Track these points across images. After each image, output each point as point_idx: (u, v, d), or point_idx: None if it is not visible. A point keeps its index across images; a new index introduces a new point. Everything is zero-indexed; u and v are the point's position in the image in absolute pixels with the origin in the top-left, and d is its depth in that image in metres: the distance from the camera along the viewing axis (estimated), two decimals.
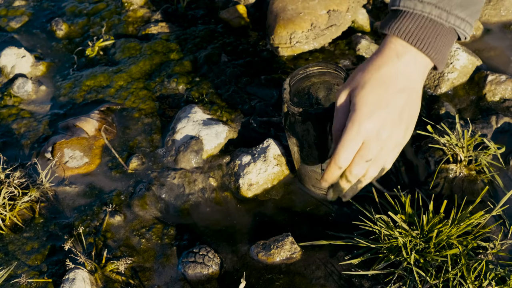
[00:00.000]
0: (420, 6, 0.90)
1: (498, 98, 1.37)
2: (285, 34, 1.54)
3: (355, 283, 1.07)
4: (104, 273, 1.11)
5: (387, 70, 0.92)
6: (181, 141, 1.32)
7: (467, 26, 0.91)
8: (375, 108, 0.91)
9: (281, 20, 1.55)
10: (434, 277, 1.00)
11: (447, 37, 0.91)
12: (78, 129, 1.38)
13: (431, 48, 0.90)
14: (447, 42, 0.92)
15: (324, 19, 1.55)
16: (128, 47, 1.65)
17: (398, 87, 0.91)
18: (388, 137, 0.92)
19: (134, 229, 1.19)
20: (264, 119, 1.39)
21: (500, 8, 1.60)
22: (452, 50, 1.41)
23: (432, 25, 0.90)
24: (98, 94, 1.51)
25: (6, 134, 1.43)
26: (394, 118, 0.92)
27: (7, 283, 1.10)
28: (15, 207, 1.22)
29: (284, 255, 1.11)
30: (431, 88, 1.43)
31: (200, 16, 1.75)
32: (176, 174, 1.28)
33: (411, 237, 1.05)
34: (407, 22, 0.90)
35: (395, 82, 0.91)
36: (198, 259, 1.10)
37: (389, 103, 0.91)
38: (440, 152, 1.26)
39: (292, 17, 1.54)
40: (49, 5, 1.88)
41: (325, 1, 1.57)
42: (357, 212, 1.16)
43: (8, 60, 1.61)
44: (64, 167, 1.32)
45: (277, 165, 1.25)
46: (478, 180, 1.21)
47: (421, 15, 0.90)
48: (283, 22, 1.54)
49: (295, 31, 1.53)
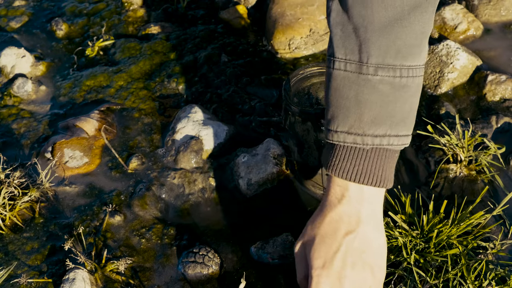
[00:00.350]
0: (335, 136, 0.86)
1: (498, 98, 1.37)
2: (284, 40, 1.54)
3: None
4: (104, 273, 1.11)
5: (331, 217, 0.88)
6: (181, 141, 1.32)
7: (392, 140, 0.85)
8: (327, 261, 0.87)
9: (279, 26, 1.55)
10: (434, 277, 1.00)
11: (380, 157, 0.86)
12: (78, 129, 1.38)
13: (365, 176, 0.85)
14: (384, 162, 0.86)
15: (323, 25, 1.55)
16: (128, 47, 1.65)
17: (345, 230, 0.87)
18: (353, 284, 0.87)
19: (134, 229, 1.19)
20: (264, 119, 1.39)
21: (500, 8, 1.60)
22: (452, 50, 1.41)
23: (356, 153, 0.85)
24: (98, 94, 1.51)
25: (6, 134, 1.43)
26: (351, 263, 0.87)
27: (7, 283, 1.10)
28: (15, 207, 1.22)
29: (284, 255, 1.11)
30: (431, 88, 1.43)
31: (200, 16, 1.75)
32: (176, 174, 1.28)
33: (411, 237, 1.05)
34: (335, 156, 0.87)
35: (341, 226, 0.87)
36: (198, 259, 1.10)
37: (339, 251, 0.87)
38: (440, 152, 1.26)
39: (290, 22, 1.55)
40: (49, 5, 1.88)
41: (324, 6, 1.57)
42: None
43: (8, 60, 1.61)
44: (64, 167, 1.32)
45: (277, 165, 1.25)
46: (478, 180, 1.21)
47: (342, 146, 0.86)
48: (282, 27, 1.55)
49: (293, 37, 1.54)
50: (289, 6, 1.58)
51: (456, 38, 1.54)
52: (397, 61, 0.81)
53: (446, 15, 1.57)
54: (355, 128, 0.84)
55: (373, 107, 0.83)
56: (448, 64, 1.41)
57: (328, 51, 0.87)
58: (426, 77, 1.44)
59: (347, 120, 0.84)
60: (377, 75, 0.82)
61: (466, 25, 1.55)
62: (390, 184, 0.88)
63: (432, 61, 1.43)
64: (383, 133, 0.84)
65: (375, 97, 0.83)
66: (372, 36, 0.81)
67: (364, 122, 0.84)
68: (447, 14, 1.57)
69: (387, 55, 0.81)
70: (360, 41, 0.82)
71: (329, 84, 0.87)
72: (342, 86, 0.84)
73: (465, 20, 1.55)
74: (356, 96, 0.83)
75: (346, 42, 0.83)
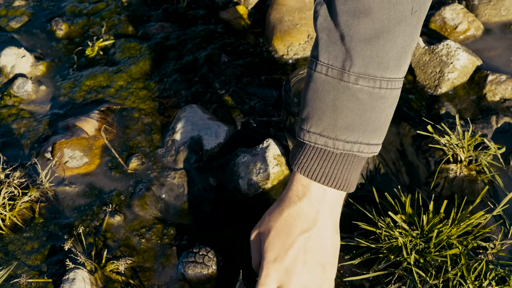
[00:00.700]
0: (307, 136, 0.87)
1: (498, 98, 1.37)
2: (282, 47, 1.54)
3: (355, 283, 1.07)
4: (104, 273, 1.11)
5: (289, 213, 0.91)
6: (181, 141, 1.32)
7: (363, 147, 0.87)
8: (279, 251, 0.91)
9: (278, 33, 1.55)
10: (434, 277, 1.00)
11: (348, 162, 0.88)
12: (78, 129, 1.38)
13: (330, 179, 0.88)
14: (351, 166, 0.88)
15: None
16: (128, 47, 1.65)
17: (300, 229, 0.90)
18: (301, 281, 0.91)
19: (134, 229, 1.19)
20: (264, 119, 1.39)
21: (500, 8, 1.60)
22: (452, 50, 1.41)
23: (325, 155, 0.87)
24: (98, 94, 1.51)
25: (6, 134, 1.43)
26: (302, 261, 0.91)
27: (7, 283, 1.10)
28: (15, 207, 1.22)
29: None
30: (431, 88, 1.43)
31: (200, 16, 1.75)
32: (176, 174, 1.28)
33: (411, 237, 1.05)
34: (303, 155, 0.88)
35: (297, 224, 0.90)
36: (198, 259, 1.10)
37: (292, 248, 0.90)
38: (440, 152, 1.26)
39: (289, 29, 1.54)
40: (49, 5, 1.88)
41: None
42: (357, 212, 1.16)
43: (8, 60, 1.61)
44: (64, 167, 1.32)
45: (277, 165, 1.25)
46: (478, 180, 1.21)
47: (313, 146, 0.87)
48: (280, 34, 1.55)
49: (292, 43, 1.54)
50: (287, 11, 1.57)
51: (456, 38, 1.54)
52: (378, 73, 0.83)
53: (446, 15, 1.57)
54: (328, 131, 0.86)
55: (349, 114, 0.85)
56: (448, 64, 1.41)
57: (312, 53, 0.88)
58: (426, 77, 1.44)
59: (321, 123, 0.86)
60: (357, 84, 0.83)
61: (466, 25, 1.55)
62: (352, 189, 0.91)
63: (432, 61, 1.43)
64: (355, 140, 0.86)
65: (352, 104, 0.84)
66: (357, 46, 0.82)
67: (338, 127, 0.85)
68: (447, 14, 1.57)
69: (369, 66, 0.82)
70: (344, 49, 0.83)
71: (308, 85, 0.88)
72: (321, 89, 0.86)
73: (465, 20, 1.55)
74: (333, 101, 0.85)
75: (330, 47, 0.84)
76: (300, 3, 1.58)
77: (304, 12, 1.56)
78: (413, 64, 1.46)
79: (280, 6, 1.59)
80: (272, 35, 1.56)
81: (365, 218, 1.13)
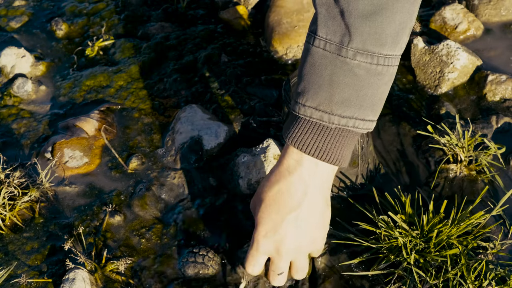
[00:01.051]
0: (302, 110, 0.88)
1: (498, 98, 1.37)
2: (281, 49, 1.54)
3: (355, 283, 1.07)
4: (104, 273, 1.11)
5: (280, 187, 0.92)
6: (181, 141, 1.32)
7: (358, 123, 0.88)
8: (269, 227, 0.93)
9: (276, 35, 1.55)
10: (434, 277, 1.00)
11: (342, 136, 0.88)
12: (78, 129, 1.38)
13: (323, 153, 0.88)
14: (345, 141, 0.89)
15: None
16: (128, 47, 1.65)
17: (290, 206, 0.92)
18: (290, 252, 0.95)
19: (134, 229, 1.19)
20: (264, 119, 1.39)
21: (500, 8, 1.60)
22: (453, 50, 1.41)
23: (320, 129, 0.87)
24: (98, 94, 1.51)
25: (6, 134, 1.43)
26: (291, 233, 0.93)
27: (7, 283, 1.10)
28: (15, 207, 1.22)
29: None
30: (432, 88, 1.43)
31: (200, 16, 1.75)
32: (176, 174, 1.28)
33: (411, 237, 1.05)
34: (297, 128, 0.89)
35: (287, 198, 0.92)
36: (198, 259, 1.10)
37: (281, 226, 0.92)
38: (441, 152, 1.26)
39: (287, 31, 1.54)
40: (49, 5, 1.87)
41: None
42: (357, 212, 1.16)
43: (8, 60, 1.61)
44: (64, 167, 1.32)
45: None
46: (478, 180, 1.21)
47: (307, 120, 0.88)
48: (279, 36, 1.55)
49: (290, 45, 1.54)
50: (285, 13, 1.57)
51: (456, 38, 1.54)
52: (376, 49, 0.84)
53: (447, 15, 1.57)
54: (324, 106, 0.86)
55: (346, 89, 0.85)
56: (448, 64, 1.41)
57: (310, 27, 0.89)
58: (426, 77, 1.44)
59: (317, 97, 0.86)
60: (355, 59, 0.84)
61: (466, 25, 1.55)
62: (345, 164, 0.91)
63: (432, 61, 1.43)
64: (351, 115, 0.87)
65: (349, 80, 0.85)
66: (356, 21, 0.82)
67: (334, 102, 0.86)
68: (448, 14, 1.57)
69: (368, 42, 0.83)
70: (343, 24, 0.83)
71: (305, 59, 0.88)
72: (318, 64, 0.86)
73: (465, 20, 1.55)
74: (330, 75, 0.85)
75: (329, 22, 0.85)
76: (298, 5, 1.58)
77: (302, 14, 1.56)
78: (413, 64, 1.46)
79: (278, 8, 1.59)
80: (271, 37, 1.56)
81: (365, 218, 1.13)
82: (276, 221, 0.93)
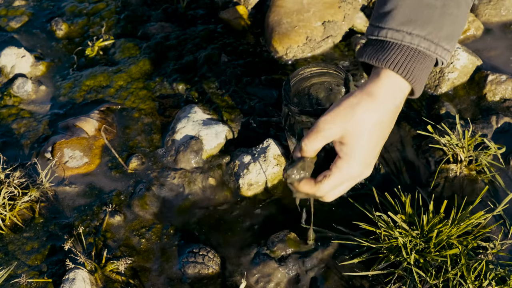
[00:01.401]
0: (408, 38, 0.89)
1: (498, 98, 1.37)
2: (281, 49, 1.54)
3: (355, 283, 1.07)
4: (104, 273, 1.11)
5: (383, 118, 0.91)
6: (181, 141, 1.32)
7: (447, 55, 0.92)
8: (364, 158, 0.92)
9: (276, 35, 1.55)
10: (434, 277, 1.00)
11: (429, 67, 0.92)
12: (78, 129, 1.38)
13: (416, 79, 0.90)
14: (428, 71, 0.93)
15: (320, 31, 1.54)
16: (128, 47, 1.65)
17: (385, 137, 0.93)
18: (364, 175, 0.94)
19: (134, 229, 1.19)
20: (264, 119, 1.39)
21: (500, 8, 1.59)
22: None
23: (421, 57, 0.90)
24: (98, 94, 1.51)
25: (6, 134, 1.43)
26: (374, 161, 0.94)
27: (7, 283, 1.10)
28: (15, 207, 1.22)
29: (283, 255, 1.11)
30: (432, 88, 1.42)
31: (200, 16, 1.75)
32: (176, 174, 1.28)
33: (411, 237, 1.05)
34: (395, 54, 0.90)
35: (385, 133, 0.92)
36: (198, 259, 1.10)
37: (376, 153, 0.93)
38: (441, 152, 1.26)
39: (287, 31, 1.54)
40: (49, 5, 1.88)
41: (320, 12, 1.56)
42: (357, 211, 1.16)
43: (8, 60, 1.61)
44: (64, 167, 1.32)
45: (277, 165, 1.25)
46: (478, 180, 1.21)
47: (410, 47, 0.89)
48: (279, 36, 1.54)
49: (290, 45, 1.53)
50: (285, 13, 1.57)
51: None
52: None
53: None
54: (432, 36, 0.89)
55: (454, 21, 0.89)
56: (449, 64, 1.41)
57: None
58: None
59: (426, 27, 0.89)
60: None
61: (466, 25, 1.55)
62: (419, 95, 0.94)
63: None
64: (448, 48, 0.90)
65: (457, 11, 0.89)
66: None
67: (441, 34, 0.89)
68: None
69: None
70: None
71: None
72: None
73: None
74: (442, 7, 0.89)
75: None
76: (298, 5, 1.58)
77: (302, 14, 1.56)
78: None
79: (278, 8, 1.59)
80: (271, 37, 1.56)
81: (365, 218, 1.13)
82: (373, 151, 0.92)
